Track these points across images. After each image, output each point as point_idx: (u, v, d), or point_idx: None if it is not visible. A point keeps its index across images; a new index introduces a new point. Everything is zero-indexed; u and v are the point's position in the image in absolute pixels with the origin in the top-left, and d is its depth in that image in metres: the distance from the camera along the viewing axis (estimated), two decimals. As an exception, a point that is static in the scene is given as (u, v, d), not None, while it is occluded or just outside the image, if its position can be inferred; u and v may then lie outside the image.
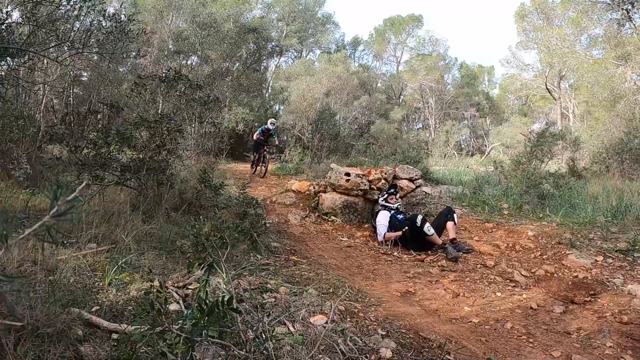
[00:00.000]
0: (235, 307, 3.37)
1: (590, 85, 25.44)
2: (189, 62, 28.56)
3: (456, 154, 30.51)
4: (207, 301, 2.89)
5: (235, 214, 6.97)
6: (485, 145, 37.60)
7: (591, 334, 4.47)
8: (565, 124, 31.83)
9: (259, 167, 16.48)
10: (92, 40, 8.64)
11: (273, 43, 35.17)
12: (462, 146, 40.90)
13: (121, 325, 3.20)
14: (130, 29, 8.72)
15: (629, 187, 11.33)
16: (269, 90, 37.88)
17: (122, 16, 8.80)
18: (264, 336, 3.21)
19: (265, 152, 16.44)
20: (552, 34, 30.78)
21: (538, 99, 39.14)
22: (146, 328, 2.66)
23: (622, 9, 19.52)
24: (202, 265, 4.38)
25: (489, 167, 16.68)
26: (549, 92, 35.16)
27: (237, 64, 29.04)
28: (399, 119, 39.15)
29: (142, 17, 28.41)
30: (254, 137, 16.86)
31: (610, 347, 4.19)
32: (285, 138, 27.05)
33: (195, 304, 2.77)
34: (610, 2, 20.18)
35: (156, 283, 3.30)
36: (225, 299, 2.70)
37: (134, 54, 26.10)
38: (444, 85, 45.71)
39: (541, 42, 32.50)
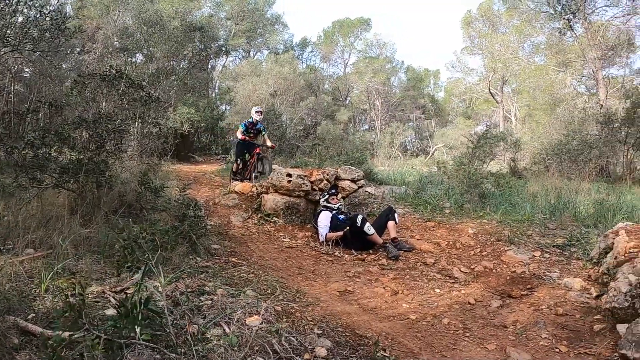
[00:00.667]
0: (156, 308, 3.31)
1: (532, 90, 26.60)
2: (134, 60, 27.76)
3: (401, 155, 31.03)
4: (127, 304, 2.83)
5: (175, 216, 6.84)
6: (430, 147, 38.43)
7: (527, 326, 4.58)
8: (508, 126, 33.06)
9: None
10: (27, 37, 8.29)
11: (221, 42, 34.67)
12: (408, 147, 41.66)
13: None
14: (66, 26, 8.37)
15: (567, 185, 11.77)
16: (216, 90, 37.44)
17: (59, 13, 8.46)
18: (193, 339, 3.21)
19: (259, 156, 12.39)
20: (496, 41, 32.02)
21: (482, 102, 40.46)
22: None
23: (564, 18, 20.59)
24: (131, 269, 4.22)
25: (433, 168, 17.04)
26: (492, 96, 36.48)
27: (183, 63, 28.46)
28: (345, 120, 39.45)
29: (88, 11, 27.54)
30: (239, 137, 12.57)
31: (545, 338, 4.30)
32: (232, 139, 26.74)
33: (116, 307, 2.67)
34: (552, 12, 21.13)
35: (78, 286, 3.19)
36: (143, 300, 2.63)
37: (78, 49, 25.17)
38: (390, 87, 46.44)
39: (486, 48, 33.73)
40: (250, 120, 12.79)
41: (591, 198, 10.35)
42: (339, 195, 9.21)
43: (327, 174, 9.70)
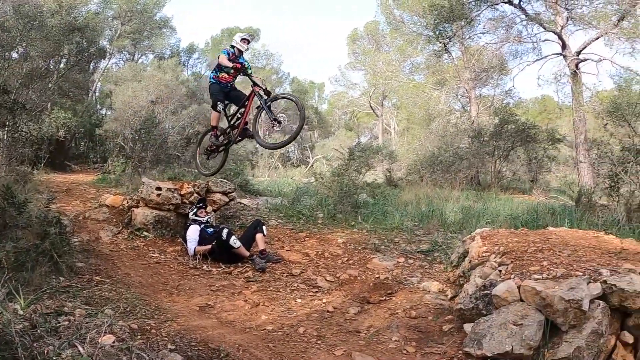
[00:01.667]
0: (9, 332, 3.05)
1: (410, 106, 27.98)
2: (7, 57, 25.33)
3: (281, 166, 31.24)
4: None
5: (36, 233, 6.31)
6: (310, 158, 39.05)
7: (380, 331, 4.68)
8: (387, 138, 34.71)
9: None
10: None
11: (105, 43, 32.78)
12: (290, 158, 42.00)
13: None
14: None
15: (438, 194, 12.35)
16: (96, 94, 35.38)
17: None
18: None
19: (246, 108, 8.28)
20: (379, 58, 33.53)
21: (363, 115, 42.12)
22: None
23: (441, 42, 21.88)
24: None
25: (311, 179, 17.22)
26: (373, 110, 38.10)
27: (61, 64, 26.53)
28: (227, 130, 39.01)
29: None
30: (215, 77, 8.50)
31: (395, 341, 4.39)
32: (111, 146, 25.29)
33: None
34: (431, 36, 22.38)
35: None
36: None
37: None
38: (273, 96, 46.75)
39: (368, 64, 35.19)
40: (231, 49, 8.27)
41: (459, 205, 10.86)
42: (208, 209, 9.11)
43: (198, 187, 9.53)
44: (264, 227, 8.25)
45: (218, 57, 8.34)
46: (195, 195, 9.36)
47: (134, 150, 19.48)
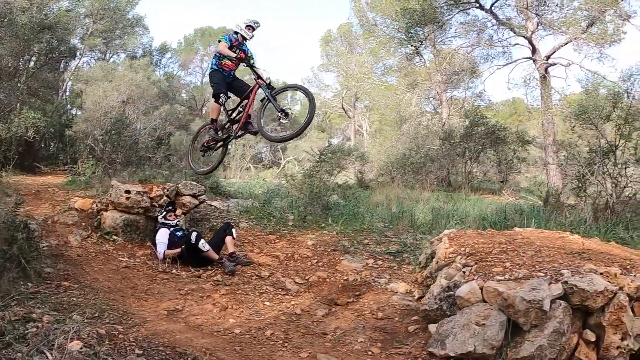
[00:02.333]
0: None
1: (382, 107, 28.16)
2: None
3: (252, 167, 31.15)
4: None
5: (4, 238, 6.19)
6: (282, 159, 38.95)
7: (347, 332, 4.72)
8: (359, 139, 34.88)
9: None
10: None
11: (76, 41, 32.07)
12: (263, 159, 41.82)
13: None
14: None
15: (409, 195, 12.45)
16: (67, 93, 34.65)
17: None
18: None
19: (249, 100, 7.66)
20: (352, 60, 33.80)
21: (336, 117, 42.18)
22: None
23: (412, 45, 22.16)
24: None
25: (282, 180, 17.23)
26: (345, 112, 38.16)
27: (31, 63, 25.91)
28: (199, 130, 38.64)
29: None
30: (218, 64, 7.79)
31: (361, 342, 4.44)
32: (81, 147, 24.80)
33: None
34: (403, 39, 22.62)
35: None
36: None
37: None
38: (245, 99, 46.47)
39: (341, 66, 35.33)
40: (234, 35, 7.56)
41: (429, 206, 10.95)
42: (178, 212, 9.03)
43: (167, 190, 9.45)
44: (233, 230, 8.25)
45: (218, 42, 7.70)
46: (165, 198, 9.29)
47: (104, 152, 19.15)
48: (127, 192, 8.90)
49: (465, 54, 23.89)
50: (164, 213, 8.54)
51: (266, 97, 7.12)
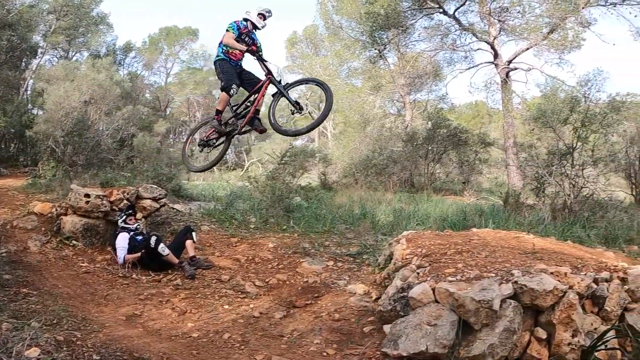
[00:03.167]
0: None
1: (346, 109, 28.37)
2: None
3: (216, 169, 30.97)
4: None
5: None
6: (245, 161, 38.76)
7: (303, 334, 4.78)
8: (323, 141, 35.08)
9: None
10: None
11: (39, 38, 31.22)
12: (226, 161, 41.54)
13: None
14: None
15: (371, 196, 12.54)
16: (28, 92, 33.66)
17: None
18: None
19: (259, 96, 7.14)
20: (316, 62, 34.04)
21: (301, 118, 42.18)
22: None
23: (376, 48, 22.45)
24: None
25: (246, 182, 17.18)
26: (309, 113, 38.24)
27: None
28: (163, 132, 38.11)
29: None
30: (225, 52, 7.10)
31: (317, 343, 4.50)
32: (42, 149, 24.21)
33: None
34: (367, 42, 22.87)
35: None
36: None
37: None
38: (212, 100, 45.93)
39: (306, 68, 35.38)
40: (244, 22, 6.99)
41: (392, 207, 11.06)
42: (138, 215, 8.94)
43: (128, 193, 9.31)
44: (193, 234, 8.19)
45: (226, 32, 6.94)
46: (125, 201, 9.16)
47: (65, 154, 18.77)
48: (87, 195, 8.75)
49: (429, 58, 24.28)
50: (124, 217, 8.42)
51: (278, 92, 6.82)
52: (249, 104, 7.15)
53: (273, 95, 6.90)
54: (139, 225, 8.54)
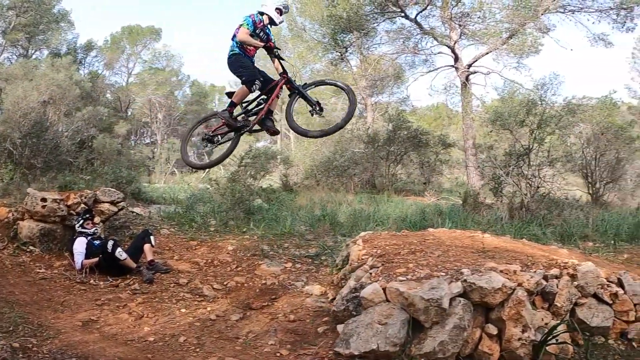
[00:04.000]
0: None
1: (308, 111, 28.51)
2: None
3: (177, 171, 30.71)
4: None
5: None
6: (208, 162, 38.58)
7: (259, 335, 4.83)
8: (285, 143, 35.20)
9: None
10: None
11: None
12: (189, 163, 41.18)
13: None
14: None
15: (332, 197, 12.62)
16: None
17: None
18: None
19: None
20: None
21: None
22: None
23: (338, 51, 22.69)
24: None
25: (207, 185, 17.10)
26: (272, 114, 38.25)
27: None
28: (124, 133, 37.44)
29: None
30: (241, 48, 6.59)
31: (271, 344, 4.56)
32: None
33: None
34: (330, 44, 23.06)
35: None
36: None
37: None
38: (174, 101, 45.37)
39: (267, 69, 35.17)
40: (259, 16, 6.62)
41: (352, 208, 11.16)
42: (96, 219, 8.75)
43: (85, 197, 9.15)
44: (152, 237, 8.09)
45: (239, 27, 6.48)
46: (83, 205, 8.99)
47: (23, 156, 18.33)
48: (44, 200, 8.57)
49: (391, 61, 24.60)
50: (81, 221, 8.26)
51: (296, 91, 6.50)
52: (261, 101, 6.74)
53: (290, 95, 6.61)
54: (96, 229, 8.38)
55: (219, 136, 7.00)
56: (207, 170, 23.17)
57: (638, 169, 20.14)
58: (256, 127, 6.83)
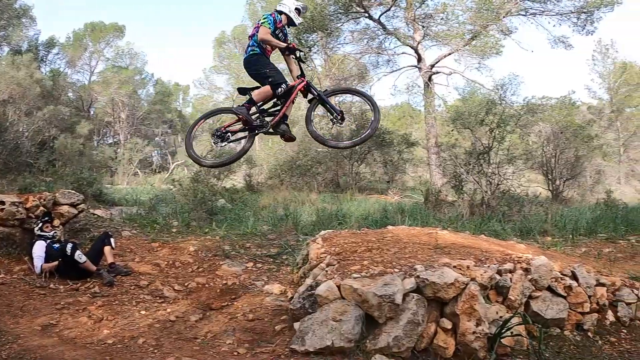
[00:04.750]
0: None
1: (272, 111, 28.62)
2: None
3: (140, 172, 30.35)
4: None
5: None
6: (170, 163, 38.08)
7: (217, 335, 4.87)
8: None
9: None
10: None
11: None
12: (151, 163, 40.62)
13: None
14: None
15: (296, 197, 12.68)
16: None
17: None
18: None
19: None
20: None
21: (228, 119, 41.75)
22: None
23: (301, 51, 22.75)
24: None
25: (170, 186, 17.03)
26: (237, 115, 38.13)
27: None
28: (86, 133, 36.66)
29: None
30: (261, 49, 6.32)
31: (229, 344, 4.60)
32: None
33: None
34: None
35: None
36: None
37: None
38: (137, 100, 44.50)
39: (233, 69, 35.22)
40: (278, 16, 6.28)
41: (315, 208, 11.25)
42: (55, 222, 8.65)
43: (44, 200, 8.97)
44: (112, 240, 8.04)
45: (258, 25, 6.14)
46: (42, 208, 8.84)
47: (-19, 158, 17.87)
48: (2, 203, 8.38)
49: (355, 61, 24.76)
50: (40, 225, 8.13)
51: (316, 98, 6.13)
52: (278, 102, 6.28)
53: (309, 101, 6.25)
54: (56, 232, 8.26)
55: (230, 134, 6.47)
56: (169, 173, 23.08)
57: (597, 166, 20.86)
58: (271, 129, 6.36)
